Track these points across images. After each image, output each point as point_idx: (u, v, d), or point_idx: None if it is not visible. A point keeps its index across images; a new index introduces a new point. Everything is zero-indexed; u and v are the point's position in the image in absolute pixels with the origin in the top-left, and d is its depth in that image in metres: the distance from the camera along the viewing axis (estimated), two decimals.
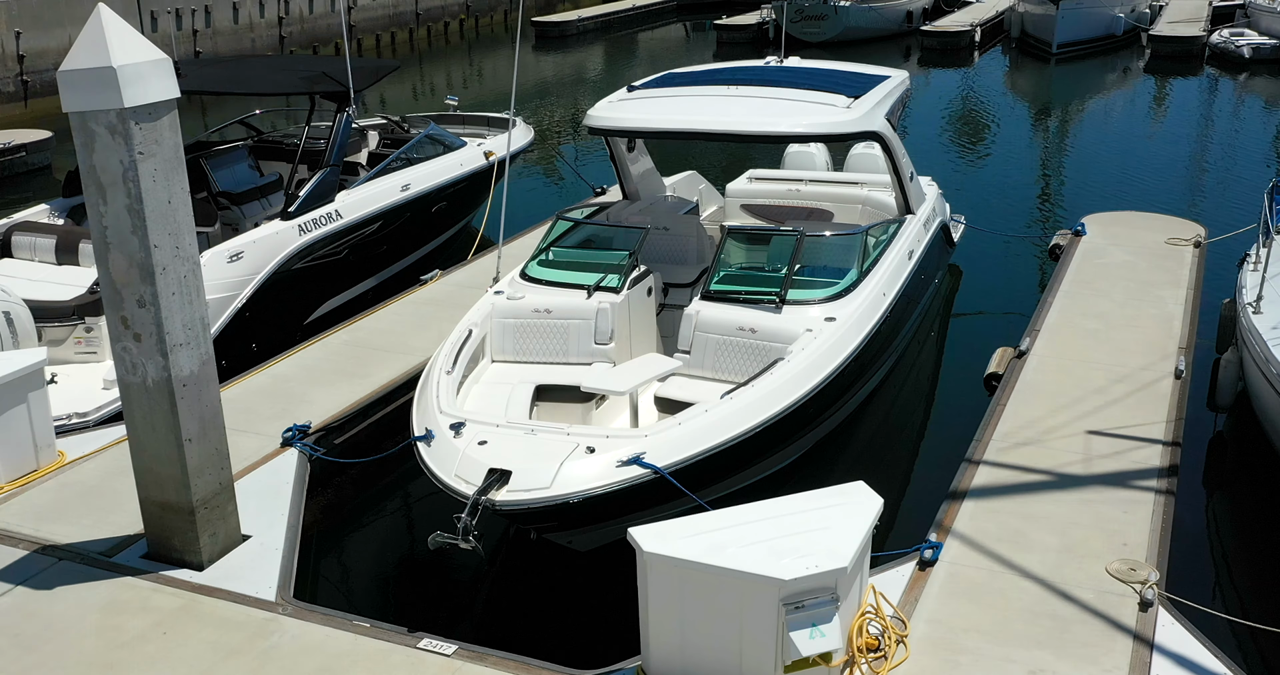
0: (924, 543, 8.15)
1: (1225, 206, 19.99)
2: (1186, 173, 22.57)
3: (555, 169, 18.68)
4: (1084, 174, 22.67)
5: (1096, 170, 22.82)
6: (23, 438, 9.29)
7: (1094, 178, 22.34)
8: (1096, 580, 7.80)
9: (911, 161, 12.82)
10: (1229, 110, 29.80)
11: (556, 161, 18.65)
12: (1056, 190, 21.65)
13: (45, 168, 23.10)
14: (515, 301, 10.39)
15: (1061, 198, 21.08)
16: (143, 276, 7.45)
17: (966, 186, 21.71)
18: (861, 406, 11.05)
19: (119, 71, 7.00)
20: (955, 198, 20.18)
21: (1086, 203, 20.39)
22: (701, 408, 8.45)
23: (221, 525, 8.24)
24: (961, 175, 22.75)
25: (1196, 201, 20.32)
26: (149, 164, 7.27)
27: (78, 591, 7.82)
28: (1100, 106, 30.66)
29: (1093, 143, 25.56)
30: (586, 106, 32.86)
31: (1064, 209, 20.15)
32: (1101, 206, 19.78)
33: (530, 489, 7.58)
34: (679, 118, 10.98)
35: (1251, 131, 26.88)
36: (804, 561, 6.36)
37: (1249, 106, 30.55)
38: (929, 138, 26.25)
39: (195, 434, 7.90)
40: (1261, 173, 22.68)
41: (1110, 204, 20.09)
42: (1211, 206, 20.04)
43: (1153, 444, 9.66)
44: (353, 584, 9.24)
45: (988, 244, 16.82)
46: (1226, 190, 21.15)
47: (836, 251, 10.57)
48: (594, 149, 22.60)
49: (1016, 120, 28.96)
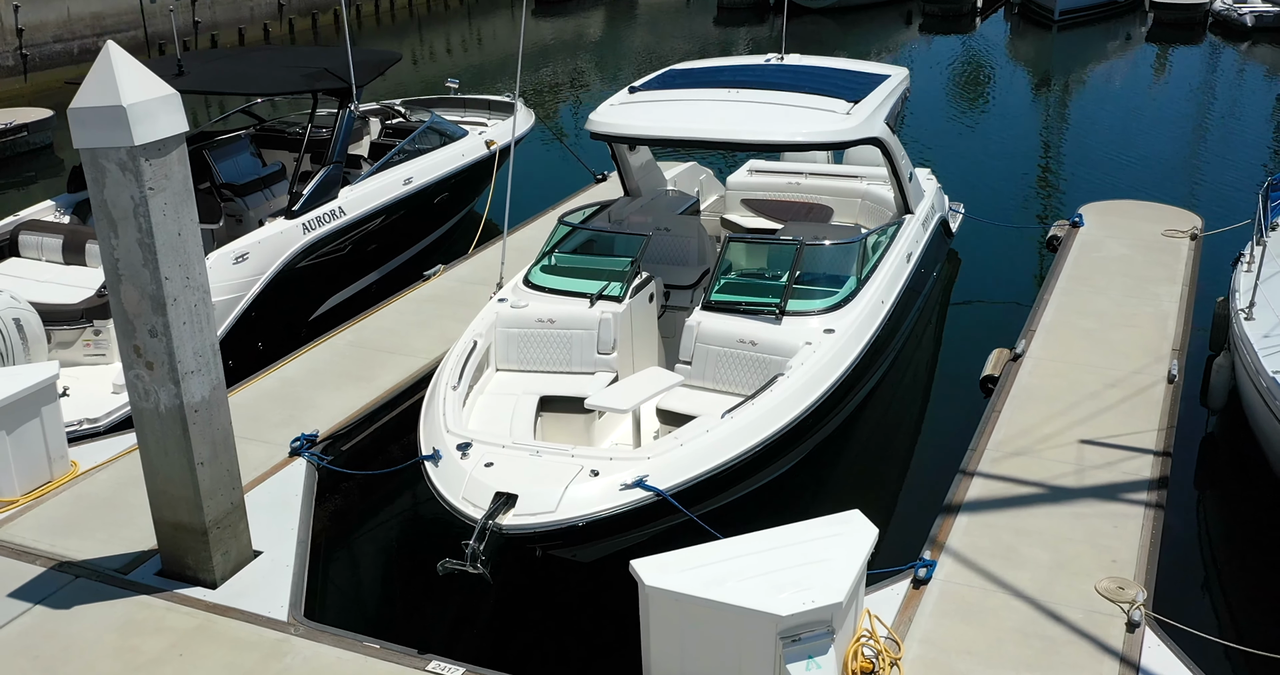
0: (918, 561, 8.37)
1: (1224, 190, 20.11)
2: (1187, 151, 22.63)
3: (556, 152, 18.73)
4: (1084, 151, 22.74)
5: (1096, 148, 22.89)
6: (36, 450, 9.48)
7: (1094, 154, 22.43)
8: (1086, 599, 8.02)
9: (912, 148, 12.92)
10: (1230, 81, 29.79)
11: (557, 145, 18.69)
12: (1055, 169, 21.73)
13: (47, 147, 23.16)
14: (519, 310, 10.54)
15: (1060, 178, 21.17)
16: (154, 308, 7.60)
17: (965, 163, 21.80)
18: (859, 408, 11.22)
19: (129, 110, 7.11)
20: (954, 178, 20.32)
21: (1085, 183, 20.51)
22: (703, 427, 8.63)
23: (234, 543, 8.45)
24: (960, 151, 22.83)
25: (1196, 183, 20.42)
26: (159, 198, 7.39)
27: (95, 610, 8.03)
28: (1101, 77, 30.65)
29: (1093, 117, 25.58)
30: (588, 75, 32.90)
31: (1062, 192, 20.24)
32: (1100, 188, 19.94)
33: (536, 513, 7.77)
34: (680, 125, 11.07)
35: (1253, 105, 26.88)
36: (801, 597, 6.57)
37: (1250, 76, 30.55)
38: (929, 110, 26.28)
39: (207, 457, 8.09)
40: (1262, 151, 22.74)
41: (1109, 185, 20.23)
42: (1210, 189, 20.15)
43: (1144, 454, 9.85)
44: (361, 599, 9.47)
45: (986, 230, 16.91)
46: (1226, 171, 21.25)
47: (835, 260, 10.71)
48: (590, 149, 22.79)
49: (1017, 91, 28.98)
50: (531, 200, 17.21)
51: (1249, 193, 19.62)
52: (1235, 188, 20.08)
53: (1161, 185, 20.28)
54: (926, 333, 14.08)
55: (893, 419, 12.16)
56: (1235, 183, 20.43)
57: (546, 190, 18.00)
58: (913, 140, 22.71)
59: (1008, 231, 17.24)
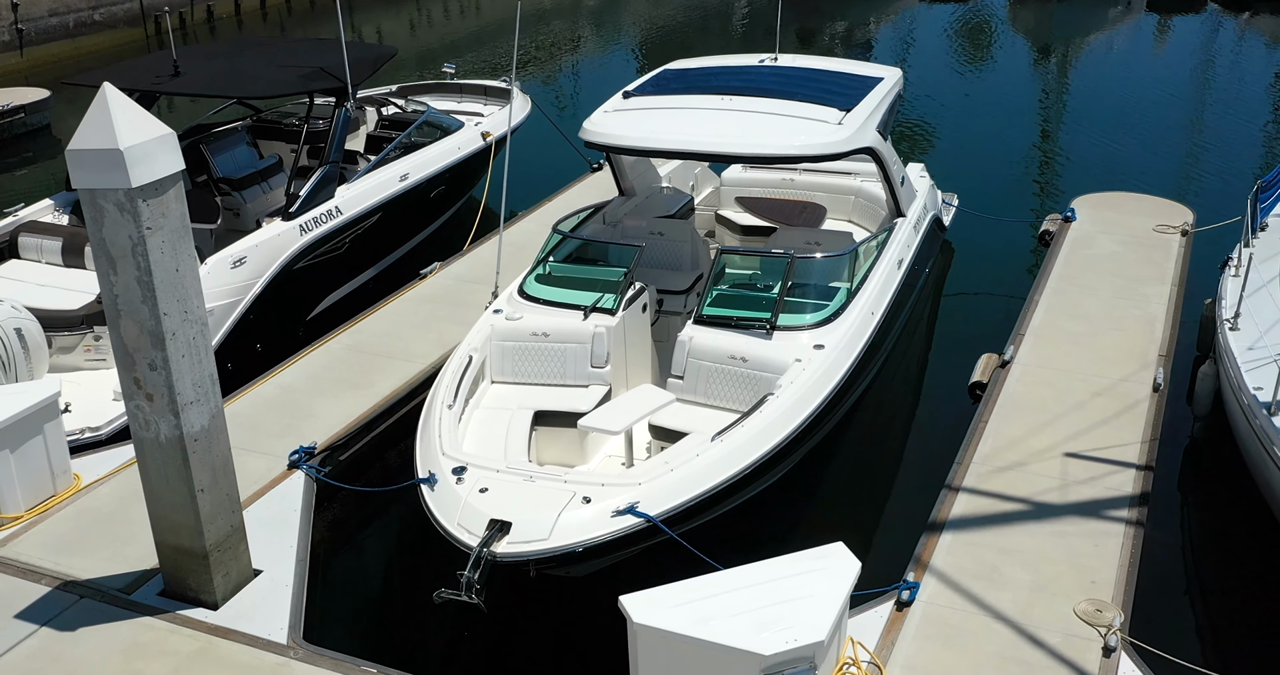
0: (902, 582, 8.57)
1: (1223, 172, 20.17)
2: (1186, 129, 22.62)
3: (553, 139, 18.75)
4: (1081, 129, 22.76)
5: (1095, 126, 22.90)
6: (40, 466, 9.67)
7: (1092, 132, 22.47)
8: (1064, 622, 8.23)
9: (907, 129, 12.97)
10: (1230, 51, 29.64)
11: (554, 131, 18.71)
12: (1052, 149, 21.77)
13: (44, 128, 23.18)
14: (514, 323, 10.68)
15: (1056, 158, 21.23)
16: (154, 342, 7.75)
17: (960, 142, 21.84)
18: (848, 415, 11.39)
19: (125, 154, 7.21)
20: (947, 158, 20.39)
21: (1082, 160, 20.61)
22: (693, 451, 8.80)
23: (234, 564, 8.65)
24: (956, 129, 22.85)
25: (1192, 166, 20.46)
26: (156, 237, 7.52)
27: (100, 632, 8.25)
28: (1101, 48, 30.57)
29: (1092, 91, 25.55)
30: (586, 43, 32.75)
31: (1058, 174, 20.30)
32: (1096, 170, 20.04)
33: (530, 540, 7.97)
34: (673, 136, 11.16)
35: (1253, 79, 26.80)
36: (784, 635, 6.78)
37: (1250, 48, 30.43)
38: (927, 85, 26.26)
39: (207, 484, 8.28)
40: (1261, 132, 22.74)
41: (1105, 167, 20.30)
42: (1207, 173, 20.21)
43: (1127, 468, 10.04)
44: (359, 619, 9.67)
45: (980, 221, 16.97)
46: (1224, 152, 21.27)
47: (826, 273, 10.84)
48: None
49: (1016, 63, 28.91)
50: (528, 189, 17.30)
51: (1245, 178, 19.70)
52: (1232, 172, 20.14)
53: (1157, 167, 20.33)
54: (918, 333, 14.22)
55: (881, 426, 12.32)
56: (1233, 166, 20.48)
57: (543, 179, 18.05)
58: (908, 118, 22.77)
59: (1001, 223, 17.33)
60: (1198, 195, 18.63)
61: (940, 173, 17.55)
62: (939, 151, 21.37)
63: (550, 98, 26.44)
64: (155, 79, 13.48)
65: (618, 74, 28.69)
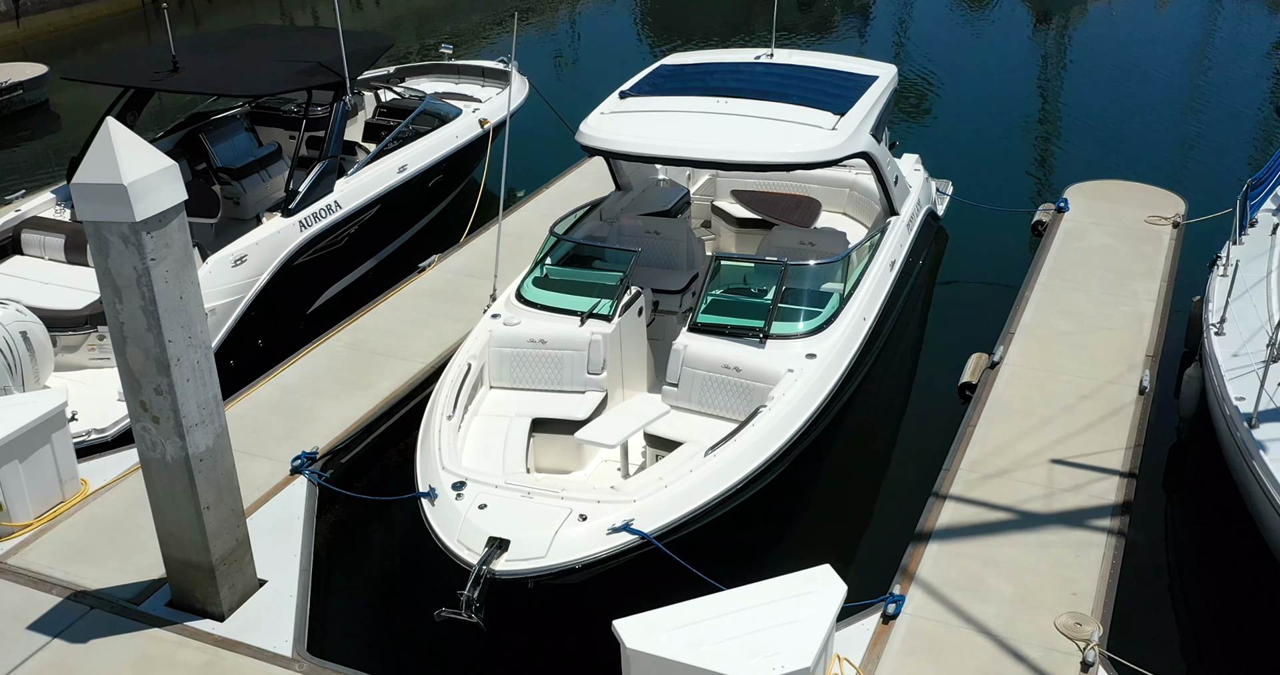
0: (889, 595, 8.83)
1: (1219, 153, 20.24)
2: (1183, 113, 22.59)
3: (551, 119, 18.77)
4: (1078, 106, 22.78)
5: (1091, 104, 22.88)
6: (48, 475, 9.90)
7: (1089, 109, 22.48)
8: (1045, 636, 8.49)
9: (902, 108, 13.05)
10: (1231, 27, 29.52)
11: (551, 114, 18.73)
12: (1049, 129, 21.81)
13: (43, 104, 23.18)
14: (512, 329, 10.86)
15: (1054, 138, 21.27)
16: (159, 369, 7.94)
17: (957, 120, 21.87)
18: (839, 417, 11.56)
19: (129, 189, 7.35)
20: (943, 139, 20.44)
21: (1077, 147, 20.60)
22: (686, 467, 9.02)
23: (239, 576, 8.90)
24: (953, 104, 22.88)
25: (1188, 149, 20.51)
26: (160, 268, 7.68)
27: (110, 645, 8.51)
28: (1100, 19, 30.41)
29: (1089, 69, 25.48)
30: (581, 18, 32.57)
31: (1054, 156, 20.36)
32: (1092, 153, 20.10)
33: (528, 558, 8.21)
34: (669, 144, 11.27)
35: (1254, 56, 26.72)
36: (771, 661, 7.04)
37: (1252, 19, 30.28)
38: (923, 53, 26.23)
39: (212, 501, 8.50)
40: (1260, 109, 22.76)
41: (1101, 149, 20.35)
42: (1204, 153, 20.28)
43: (1111, 475, 10.27)
44: (360, 627, 9.90)
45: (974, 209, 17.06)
46: (1221, 130, 21.31)
47: (819, 280, 11.00)
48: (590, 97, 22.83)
49: (1015, 31, 28.76)
50: (527, 170, 17.31)
51: (1241, 160, 19.80)
52: (1230, 152, 20.22)
53: (1153, 149, 20.40)
54: (909, 329, 14.37)
55: (871, 430, 12.45)
56: (1231, 145, 20.55)
57: (542, 159, 18.08)
58: (904, 95, 22.78)
59: (995, 213, 17.36)
60: (1193, 177, 18.72)
61: (935, 155, 17.67)
62: (934, 130, 21.41)
63: (548, 70, 26.37)
64: (154, 75, 13.55)
65: (618, 46, 28.63)
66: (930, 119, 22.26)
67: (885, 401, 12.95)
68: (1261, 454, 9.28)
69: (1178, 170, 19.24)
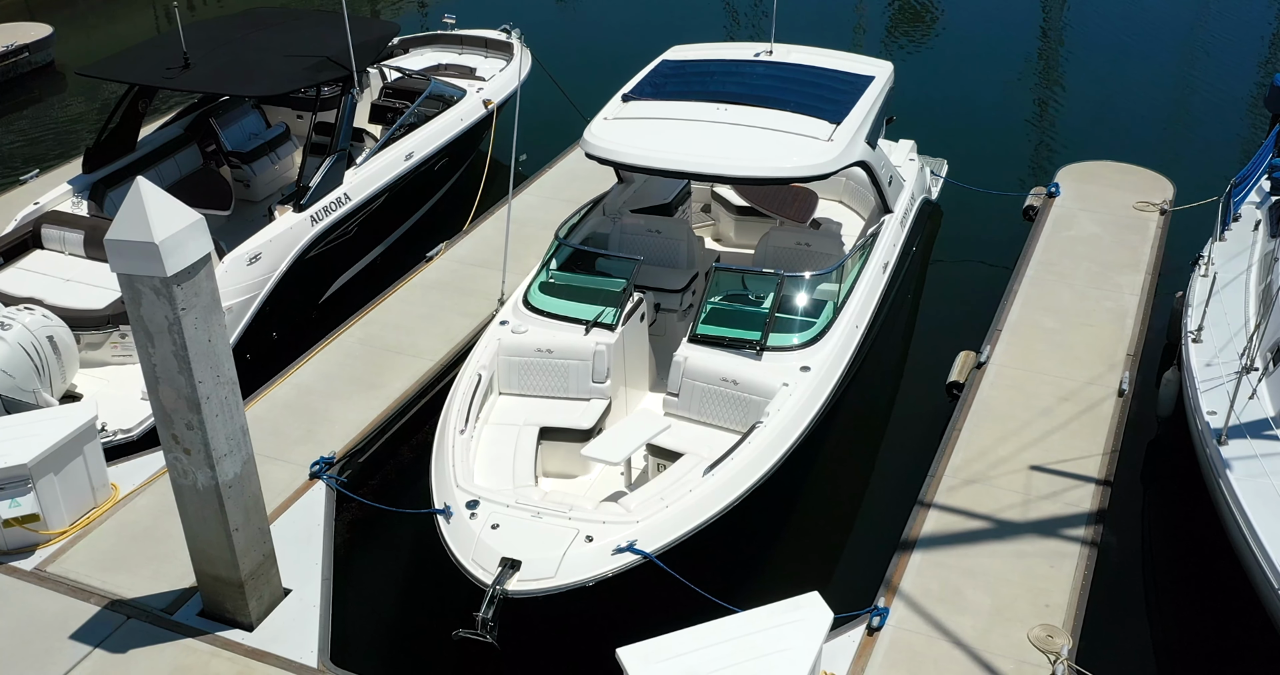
0: (873, 608, 9.45)
1: (1213, 125, 20.48)
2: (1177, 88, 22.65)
3: (552, 90, 19.01)
4: (1073, 84, 22.86)
5: (1086, 80, 22.97)
6: (81, 484, 10.46)
7: (1084, 86, 22.60)
8: (1017, 648, 9.12)
9: (898, 86, 13.46)
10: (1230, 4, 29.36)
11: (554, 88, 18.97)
12: (1044, 106, 21.95)
13: (48, 65, 23.34)
14: (519, 337, 11.36)
15: (1048, 114, 21.44)
16: (190, 406, 8.45)
17: (952, 93, 22.01)
18: (828, 423, 11.99)
19: (160, 247, 7.79)
20: (938, 113, 20.61)
21: (1071, 125, 20.78)
22: (686, 486, 9.59)
23: (266, 588, 9.52)
24: (949, 77, 23.00)
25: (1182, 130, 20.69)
26: (190, 316, 8.16)
27: (147, 655, 9.14)
28: None
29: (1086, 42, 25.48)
30: None
31: (1048, 135, 20.53)
32: (1086, 131, 20.33)
33: (538, 579, 8.82)
34: (671, 157, 11.63)
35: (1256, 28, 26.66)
36: None
37: None
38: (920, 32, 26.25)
39: (241, 523, 9.08)
40: (1255, 86, 22.91)
41: (1095, 125, 20.58)
42: (1197, 130, 20.51)
43: (1087, 482, 10.84)
44: (380, 635, 10.48)
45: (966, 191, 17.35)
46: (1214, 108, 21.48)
47: (814, 290, 11.46)
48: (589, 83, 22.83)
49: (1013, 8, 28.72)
50: (531, 146, 17.37)
51: (1232, 139, 20.05)
52: (1224, 127, 20.46)
53: (1147, 126, 20.57)
54: (899, 324, 14.80)
55: (860, 433, 12.91)
56: (1223, 121, 20.77)
57: (545, 134, 18.25)
58: (900, 81, 22.93)
59: (987, 196, 17.58)
60: (1185, 159, 18.94)
61: (930, 132, 17.94)
62: (930, 107, 21.39)
63: (551, 32, 26.40)
64: (166, 72, 13.85)
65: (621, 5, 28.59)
66: (926, 96, 22.37)
67: (874, 403, 13.40)
68: (1228, 473, 9.82)
69: (1170, 150, 19.43)
